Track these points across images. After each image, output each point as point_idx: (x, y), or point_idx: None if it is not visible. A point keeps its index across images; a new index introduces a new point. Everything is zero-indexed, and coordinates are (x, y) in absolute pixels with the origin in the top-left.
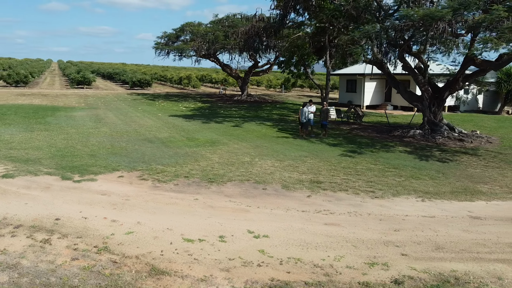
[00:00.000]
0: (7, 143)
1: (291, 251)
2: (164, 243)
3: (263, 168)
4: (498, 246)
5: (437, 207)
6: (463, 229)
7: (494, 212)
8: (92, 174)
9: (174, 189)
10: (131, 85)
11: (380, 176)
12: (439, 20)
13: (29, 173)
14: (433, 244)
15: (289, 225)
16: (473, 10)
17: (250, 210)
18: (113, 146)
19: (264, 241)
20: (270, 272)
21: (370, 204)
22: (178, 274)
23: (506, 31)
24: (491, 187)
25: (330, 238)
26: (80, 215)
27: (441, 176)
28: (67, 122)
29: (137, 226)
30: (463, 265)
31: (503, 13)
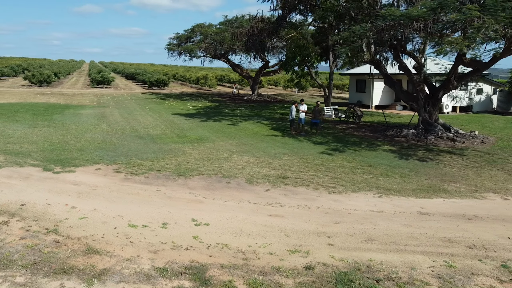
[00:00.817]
0: (7, 138)
1: (223, 238)
2: (109, 227)
3: (237, 163)
4: (430, 240)
5: (391, 203)
6: (404, 224)
7: (446, 209)
8: (73, 166)
9: (143, 181)
10: (149, 85)
11: (349, 173)
12: (415, 20)
13: (15, 165)
14: (365, 236)
15: (234, 215)
16: (450, 11)
17: (204, 201)
18: (103, 142)
19: (202, 229)
20: (193, 255)
21: (324, 199)
22: (108, 254)
23: (474, 31)
24: (459, 185)
25: (268, 227)
26: (45, 202)
27: (412, 174)
28: (71, 119)
29: (92, 213)
30: (384, 256)
31: (475, 13)
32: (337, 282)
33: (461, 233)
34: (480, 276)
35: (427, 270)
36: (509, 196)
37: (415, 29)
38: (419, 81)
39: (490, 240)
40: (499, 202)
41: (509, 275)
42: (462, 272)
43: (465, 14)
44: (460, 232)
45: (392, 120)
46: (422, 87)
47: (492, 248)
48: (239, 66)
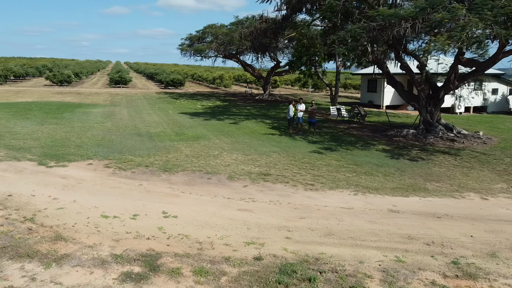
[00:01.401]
0: (14, 134)
1: (186, 229)
2: (82, 217)
3: (224, 161)
4: (390, 236)
5: (365, 200)
6: (369, 221)
7: (419, 207)
8: (67, 161)
9: (128, 176)
10: (165, 84)
11: (333, 172)
12: (403, 20)
13: (14, 159)
14: (325, 231)
15: (204, 208)
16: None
17: (180, 196)
18: (102, 139)
19: (169, 221)
20: (152, 244)
21: (298, 195)
22: (74, 241)
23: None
24: (441, 185)
25: (233, 221)
26: (30, 193)
27: (398, 173)
28: (79, 117)
29: (71, 204)
30: (337, 250)
31: (461, 12)
32: (280, 272)
33: (425, 230)
34: (426, 271)
35: (375, 264)
36: (489, 196)
37: (404, 29)
38: (420, 81)
39: (451, 238)
40: (477, 202)
41: (456, 271)
42: (409, 267)
43: (452, 13)
44: (424, 229)
45: (399, 121)
46: (423, 86)
47: (450, 246)
48: (250, 66)
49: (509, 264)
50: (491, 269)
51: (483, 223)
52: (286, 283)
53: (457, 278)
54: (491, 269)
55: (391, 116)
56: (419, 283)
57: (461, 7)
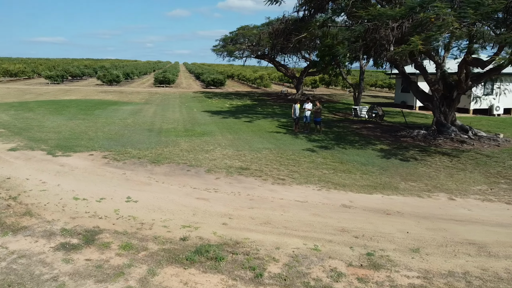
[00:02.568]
0: (41, 127)
1: (138, 212)
2: (56, 198)
3: (213, 155)
4: (324, 228)
5: (324, 195)
6: (314, 213)
7: (374, 204)
8: (73, 152)
9: (118, 166)
10: (206, 84)
11: (312, 168)
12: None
13: (29, 148)
14: (264, 220)
15: (166, 196)
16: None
17: (152, 184)
18: (115, 133)
19: (128, 204)
20: (100, 223)
21: (262, 188)
22: (38, 216)
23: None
24: (416, 184)
25: (184, 207)
26: (26, 177)
27: (377, 172)
28: (107, 114)
29: (54, 187)
30: (262, 236)
31: (444, 10)
32: (195, 251)
33: (363, 225)
34: (335, 259)
35: (289, 251)
36: (459, 197)
37: (390, 29)
38: (434, 81)
39: (385, 233)
40: (441, 202)
41: (364, 261)
42: (321, 255)
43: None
44: (363, 224)
45: (423, 122)
46: (437, 87)
47: (378, 239)
48: (283, 66)
49: (424, 259)
50: (402, 262)
51: (429, 221)
52: (193, 260)
53: (360, 267)
54: (402, 262)
55: (420, 117)
56: (319, 269)
57: (445, 6)
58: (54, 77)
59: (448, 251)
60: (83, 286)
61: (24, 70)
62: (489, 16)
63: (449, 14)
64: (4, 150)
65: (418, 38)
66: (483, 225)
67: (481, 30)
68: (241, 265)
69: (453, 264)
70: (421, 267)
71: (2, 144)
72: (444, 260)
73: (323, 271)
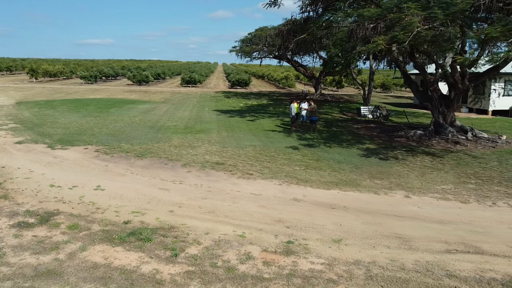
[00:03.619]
0: (54, 123)
1: (99, 199)
2: (35, 185)
3: (197, 151)
4: (262, 218)
5: (281, 189)
6: (261, 205)
7: (325, 199)
8: (70, 145)
9: (104, 159)
10: (231, 84)
11: (284, 165)
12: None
13: (33, 142)
14: (210, 209)
15: (132, 186)
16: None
17: (127, 175)
18: (117, 130)
19: (95, 192)
20: (62, 206)
21: (226, 182)
22: (11, 199)
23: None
24: (380, 182)
25: (143, 196)
26: (18, 166)
27: (348, 169)
28: (121, 112)
29: (38, 175)
30: (199, 223)
31: (413, 11)
32: (130, 233)
33: (302, 216)
34: (254, 245)
35: (215, 236)
36: (416, 196)
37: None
38: (433, 81)
39: (319, 224)
40: (395, 199)
41: (280, 248)
42: (243, 241)
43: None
44: (302, 216)
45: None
46: (435, 86)
47: (307, 230)
48: (302, 66)
49: (340, 248)
50: (316, 250)
51: (370, 216)
52: (123, 240)
53: (273, 253)
54: (316, 250)
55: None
56: (234, 252)
57: (414, 7)
58: (87, 77)
59: (369, 243)
60: (19, 257)
61: (62, 71)
62: (456, 16)
63: (419, 15)
64: (11, 143)
65: (382, 38)
66: (423, 221)
67: (448, 30)
68: (164, 246)
69: (366, 254)
70: (331, 256)
71: (12, 138)
72: (358, 251)
73: (236, 255)
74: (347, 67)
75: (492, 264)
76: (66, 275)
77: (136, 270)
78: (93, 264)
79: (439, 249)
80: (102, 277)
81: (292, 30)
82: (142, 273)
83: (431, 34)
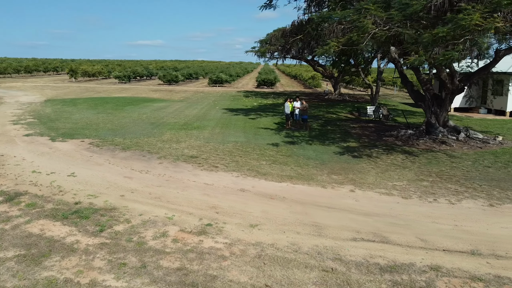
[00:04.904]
0: (67, 119)
1: (67, 184)
2: (20, 171)
3: (180, 146)
4: (200, 204)
5: (234, 181)
6: (205, 193)
7: (271, 190)
8: (70, 138)
9: (93, 150)
10: (258, 84)
11: (253, 159)
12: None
13: (39, 135)
14: (158, 196)
15: (102, 173)
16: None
17: (103, 165)
18: (119, 125)
19: (67, 178)
20: (32, 188)
21: (188, 173)
22: None
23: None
24: (336, 177)
25: (106, 182)
26: (15, 155)
27: (312, 165)
28: (134, 110)
29: (27, 163)
30: (140, 206)
31: (372, 11)
32: (74, 212)
33: (236, 204)
34: (175, 226)
35: (147, 217)
36: (361, 190)
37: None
38: (426, 81)
39: (247, 211)
40: (337, 193)
41: (197, 229)
42: (168, 221)
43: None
44: (237, 204)
45: None
46: (428, 86)
47: (233, 215)
48: (321, 65)
49: (252, 232)
50: (228, 232)
51: (301, 206)
52: (65, 217)
53: (188, 233)
54: (228, 232)
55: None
56: (153, 231)
57: (374, 8)
58: (121, 77)
59: (282, 229)
60: None
61: (101, 71)
62: (410, 17)
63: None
64: (20, 136)
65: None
66: (350, 213)
67: (403, 32)
68: (96, 223)
69: (271, 237)
70: (238, 237)
71: (23, 131)
72: (266, 234)
73: (154, 233)
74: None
75: (386, 252)
76: (1, 241)
77: (61, 240)
78: (28, 234)
79: (346, 237)
80: (29, 244)
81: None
82: (64, 242)
83: (385, 35)
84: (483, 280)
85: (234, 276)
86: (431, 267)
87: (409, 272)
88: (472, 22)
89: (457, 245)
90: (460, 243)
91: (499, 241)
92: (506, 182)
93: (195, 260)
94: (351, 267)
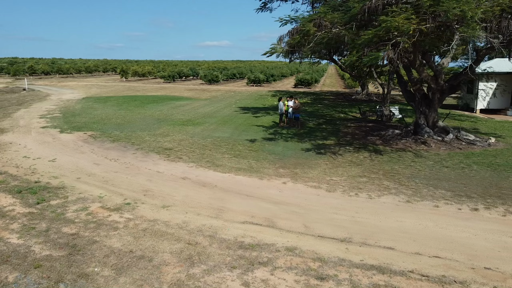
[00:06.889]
0: (88, 114)
1: (43, 167)
2: (13, 156)
3: (164, 139)
4: (136, 187)
5: (185, 170)
6: (149, 180)
7: (210, 179)
8: (76, 131)
9: (87, 141)
10: (295, 83)
11: (220, 153)
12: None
13: (53, 127)
14: (106, 179)
15: (77, 160)
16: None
17: (86, 153)
18: (128, 121)
19: (47, 163)
20: (11, 169)
21: (151, 162)
22: None
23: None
24: (281, 171)
25: (76, 167)
26: (20, 143)
27: (274, 161)
28: (153, 107)
29: (25, 149)
30: (86, 186)
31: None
32: (28, 188)
33: (167, 189)
34: (99, 203)
35: (83, 195)
36: (294, 183)
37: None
38: (416, 81)
39: (171, 195)
40: (270, 184)
41: (115, 206)
42: (96, 199)
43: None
44: (168, 189)
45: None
46: (418, 86)
47: (156, 197)
48: None
49: (159, 211)
50: (138, 210)
51: (223, 193)
52: (18, 192)
53: (104, 209)
54: (137, 210)
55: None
56: (78, 205)
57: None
58: (166, 77)
59: (187, 210)
60: None
61: (151, 71)
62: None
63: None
64: (38, 128)
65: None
66: (263, 201)
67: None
68: (38, 198)
69: (170, 217)
70: (142, 215)
71: (43, 124)
72: (169, 214)
73: (78, 207)
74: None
75: (260, 234)
76: None
77: (1, 208)
78: None
79: (238, 220)
80: None
81: None
82: (2, 210)
83: (326, 37)
84: (324, 261)
85: (112, 242)
86: (287, 248)
87: (261, 250)
88: (393, 24)
89: (334, 233)
90: (340, 231)
91: (380, 232)
92: (447, 182)
93: (91, 229)
94: (214, 243)
